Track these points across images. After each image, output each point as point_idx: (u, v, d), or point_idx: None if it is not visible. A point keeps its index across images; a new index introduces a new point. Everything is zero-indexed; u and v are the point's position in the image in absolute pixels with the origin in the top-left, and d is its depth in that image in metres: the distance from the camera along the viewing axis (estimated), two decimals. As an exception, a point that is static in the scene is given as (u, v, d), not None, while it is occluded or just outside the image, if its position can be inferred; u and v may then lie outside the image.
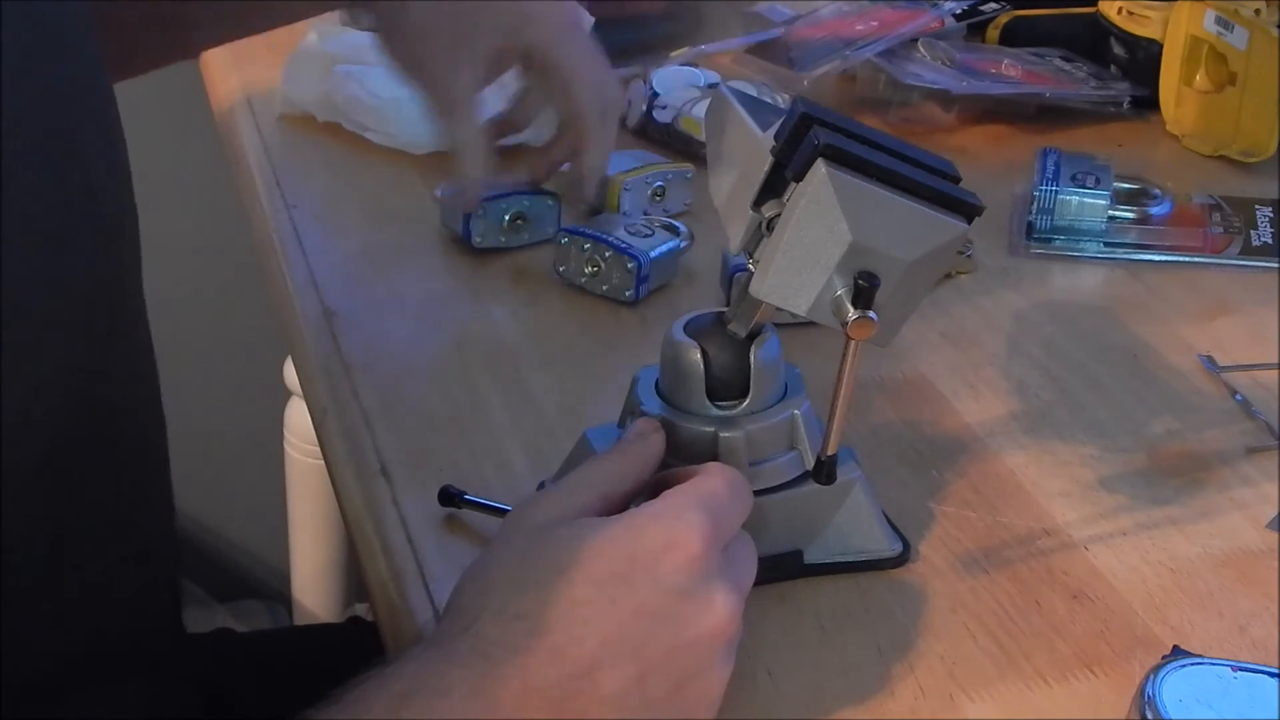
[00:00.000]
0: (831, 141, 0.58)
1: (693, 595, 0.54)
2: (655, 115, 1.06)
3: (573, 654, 0.52)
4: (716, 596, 0.54)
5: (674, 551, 0.54)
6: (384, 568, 0.68)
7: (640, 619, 0.53)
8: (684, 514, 0.55)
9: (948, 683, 0.62)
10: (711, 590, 0.54)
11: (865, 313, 0.58)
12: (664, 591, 0.53)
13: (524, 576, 0.54)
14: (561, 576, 0.53)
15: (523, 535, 0.56)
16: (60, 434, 0.56)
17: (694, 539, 0.54)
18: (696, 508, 0.55)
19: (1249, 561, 0.70)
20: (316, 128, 1.08)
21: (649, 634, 0.53)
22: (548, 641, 0.52)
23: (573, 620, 0.52)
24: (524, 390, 0.80)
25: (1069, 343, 0.87)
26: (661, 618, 0.53)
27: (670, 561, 0.54)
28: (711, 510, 0.56)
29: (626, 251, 0.86)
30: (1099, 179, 0.98)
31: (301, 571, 1.67)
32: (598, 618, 0.52)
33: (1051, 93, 1.15)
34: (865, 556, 0.68)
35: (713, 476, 0.58)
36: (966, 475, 0.75)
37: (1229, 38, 1.07)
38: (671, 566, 0.54)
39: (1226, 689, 0.57)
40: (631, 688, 0.53)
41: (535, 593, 0.53)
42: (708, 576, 0.54)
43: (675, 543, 0.54)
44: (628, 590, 0.53)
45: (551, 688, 0.51)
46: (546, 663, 0.52)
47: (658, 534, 0.54)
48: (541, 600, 0.53)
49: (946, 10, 1.18)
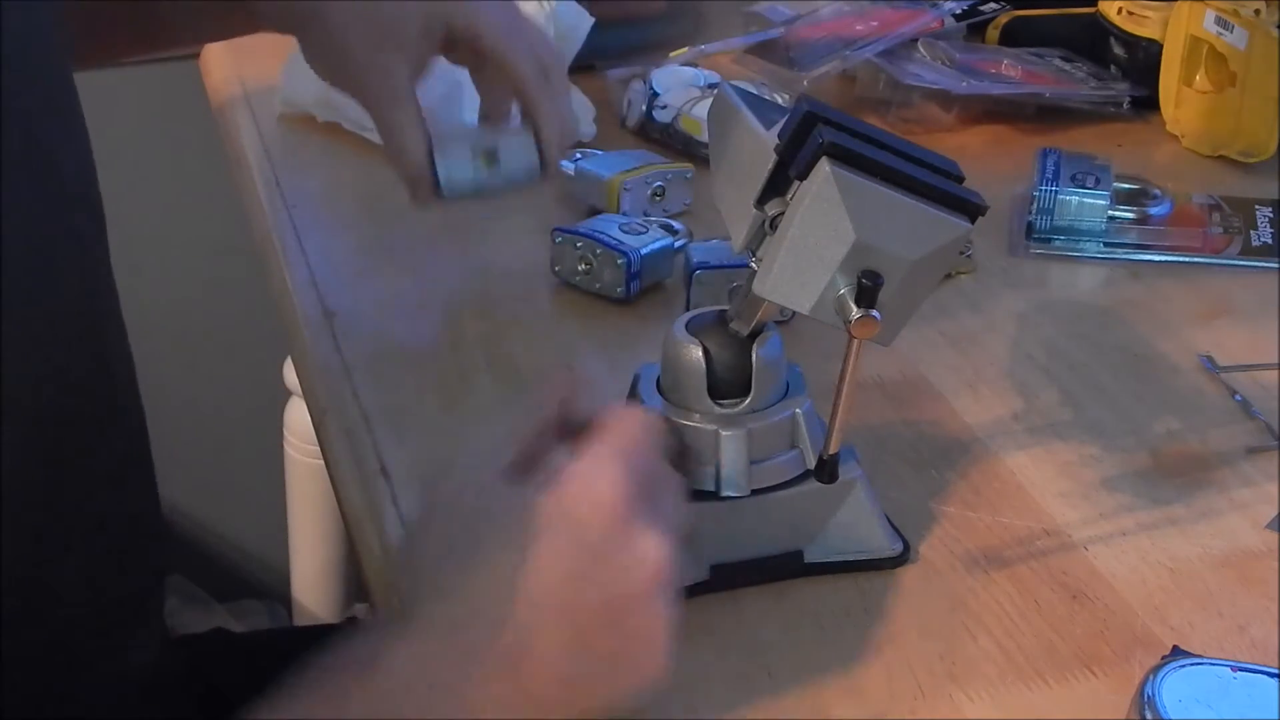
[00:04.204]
0: (836, 140, 0.58)
1: (619, 547, 0.53)
2: (655, 115, 1.06)
3: (508, 624, 0.52)
4: (643, 544, 0.54)
5: (595, 507, 0.54)
6: (384, 568, 0.68)
7: (570, 580, 0.53)
8: (599, 467, 0.54)
9: (948, 683, 0.62)
10: (637, 538, 0.54)
11: (868, 311, 0.58)
12: (589, 549, 0.53)
13: (450, 552, 0.54)
14: (487, 548, 0.54)
15: (444, 509, 0.56)
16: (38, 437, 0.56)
17: (613, 491, 0.54)
18: (610, 458, 0.55)
19: (1249, 562, 0.70)
20: (316, 128, 1.08)
21: (580, 593, 0.53)
22: (482, 616, 0.52)
23: (503, 591, 0.52)
24: (524, 390, 0.80)
25: (1069, 343, 0.87)
26: (590, 575, 0.53)
27: (592, 518, 0.53)
28: (627, 458, 0.55)
29: (616, 248, 0.86)
30: (1099, 179, 0.98)
31: (301, 571, 1.67)
32: (527, 585, 0.53)
33: (1051, 93, 1.15)
34: (865, 556, 0.68)
35: (624, 422, 0.57)
36: (966, 475, 0.75)
37: (1229, 38, 1.07)
38: (594, 523, 0.53)
39: (1226, 689, 0.57)
40: (573, 648, 0.53)
41: (464, 567, 0.53)
42: (632, 526, 0.54)
43: (595, 498, 0.54)
44: (553, 553, 0.53)
45: (496, 660, 0.52)
46: (485, 636, 0.52)
47: (576, 492, 0.54)
48: (471, 575, 0.53)
49: (946, 10, 1.18)
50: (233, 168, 1.09)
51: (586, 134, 1.06)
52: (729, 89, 0.67)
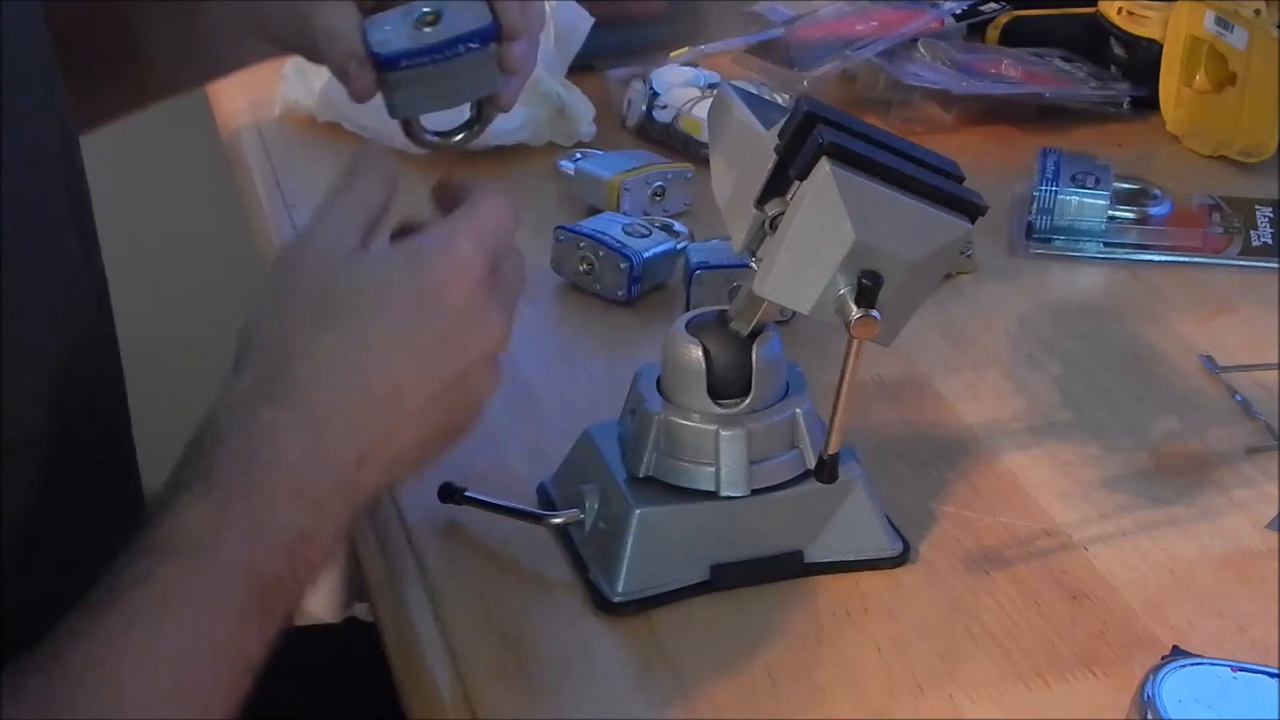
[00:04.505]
0: (836, 140, 0.58)
1: (475, 319, 0.59)
2: (655, 115, 1.06)
3: (382, 382, 0.57)
4: (494, 318, 0.60)
5: (457, 280, 0.58)
6: (383, 568, 0.68)
7: (432, 342, 0.58)
8: (461, 242, 0.59)
9: (948, 683, 0.62)
10: (490, 313, 0.59)
11: (869, 311, 0.58)
12: (451, 318, 0.58)
13: (323, 315, 0.57)
14: (361, 312, 0.57)
15: (306, 276, 0.59)
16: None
17: (473, 266, 0.59)
18: (471, 235, 0.59)
19: (1249, 561, 0.70)
20: (316, 128, 1.08)
21: (442, 357, 0.58)
22: (361, 375, 0.57)
23: (379, 351, 0.57)
24: (524, 389, 0.80)
25: (1069, 343, 0.87)
26: (450, 340, 0.59)
27: (454, 289, 0.58)
28: (485, 235, 0.60)
29: (620, 251, 0.86)
30: (1099, 179, 0.98)
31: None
32: (398, 344, 0.58)
33: (1051, 93, 1.15)
34: (865, 556, 0.68)
35: (479, 200, 0.61)
36: (966, 475, 0.75)
37: (1229, 38, 1.07)
38: (456, 294, 0.58)
39: (1226, 689, 0.57)
40: (430, 404, 0.58)
41: (340, 330, 0.57)
42: (487, 301, 0.59)
43: (457, 271, 0.58)
44: (421, 320, 0.58)
45: (370, 415, 0.57)
46: (363, 394, 0.57)
47: (440, 264, 0.58)
48: (347, 336, 0.57)
49: (946, 10, 1.18)
50: (233, 168, 1.09)
51: (586, 134, 1.06)
52: (729, 89, 0.67)
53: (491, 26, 0.69)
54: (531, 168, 1.03)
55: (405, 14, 0.70)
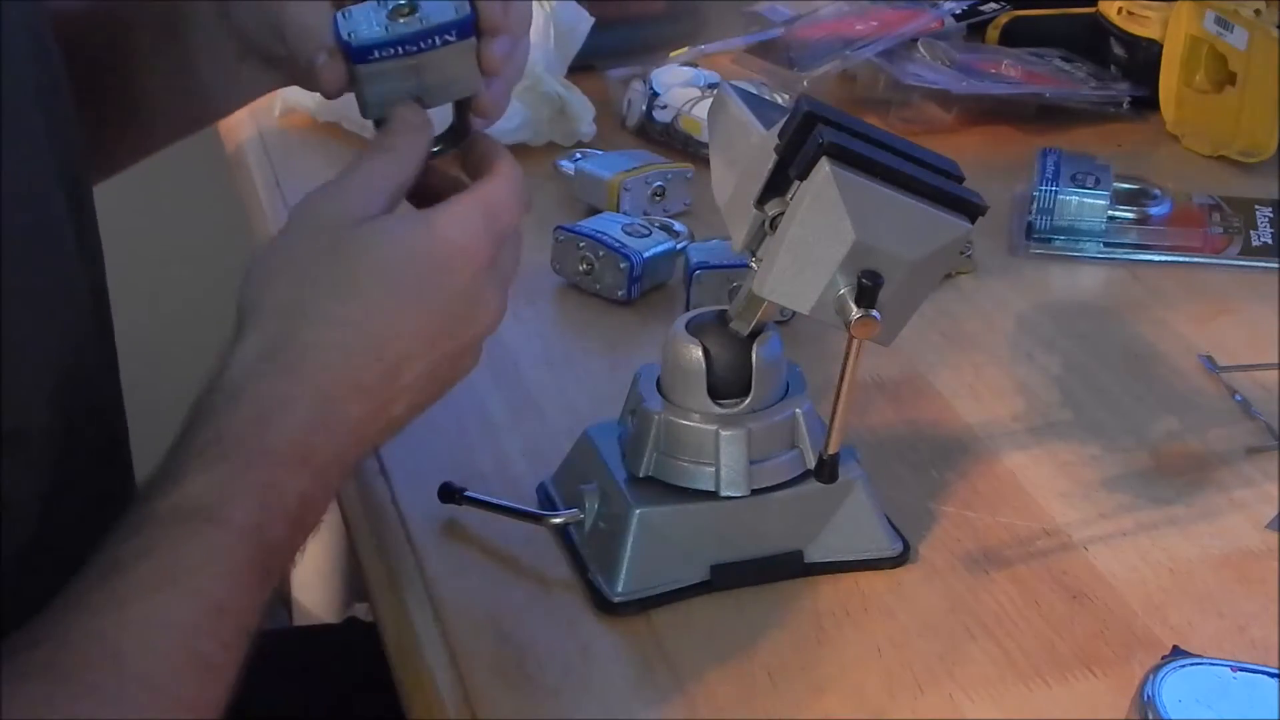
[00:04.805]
0: (836, 140, 0.58)
1: (478, 298, 0.60)
2: (655, 115, 1.06)
3: (389, 355, 0.58)
4: (494, 298, 0.61)
5: (466, 257, 0.59)
6: (383, 568, 0.68)
7: (439, 318, 0.59)
8: (472, 219, 0.60)
9: (948, 683, 0.62)
10: (491, 293, 0.61)
11: (868, 311, 0.58)
12: (457, 294, 0.60)
13: (335, 281, 0.58)
14: (373, 280, 0.58)
15: (323, 236, 0.59)
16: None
17: (483, 245, 0.60)
18: (483, 213, 0.60)
19: (1249, 561, 0.70)
20: (316, 128, 1.08)
21: (444, 331, 0.60)
22: (372, 342, 0.58)
23: (388, 321, 0.58)
24: (523, 389, 0.80)
25: (1069, 343, 0.87)
26: (455, 317, 0.60)
27: (463, 267, 0.59)
28: (496, 216, 0.61)
29: (620, 251, 0.86)
30: (1099, 179, 0.98)
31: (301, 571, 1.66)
32: (409, 317, 0.59)
33: (1051, 93, 1.15)
34: (865, 556, 0.68)
35: (498, 182, 0.62)
36: (966, 475, 0.75)
37: (1229, 38, 1.07)
38: (464, 272, 0.59)
39: (1226, 689, 0.57)
40: (424, 376, 0.60)
41: (351, 297, 0.58)
42: (490, 280, 0.61)
43: (467, 248, 0.59)
44: (431, 293, 0.59)
45: (373, 383, 0.58)
46: (371, 361, 0.58)
47: (451, 240, 0.59)
48: (358, 305, 0.58)
49: (946, 10, 1.18)
50: (233, 168, 1.09)
51: (586, 134, 1.06)
52: (729, 89, 0.67)
53: (470, 19, 0.65)
54: (531, 168, 1.02)
55: (379, 5, 0.65)
